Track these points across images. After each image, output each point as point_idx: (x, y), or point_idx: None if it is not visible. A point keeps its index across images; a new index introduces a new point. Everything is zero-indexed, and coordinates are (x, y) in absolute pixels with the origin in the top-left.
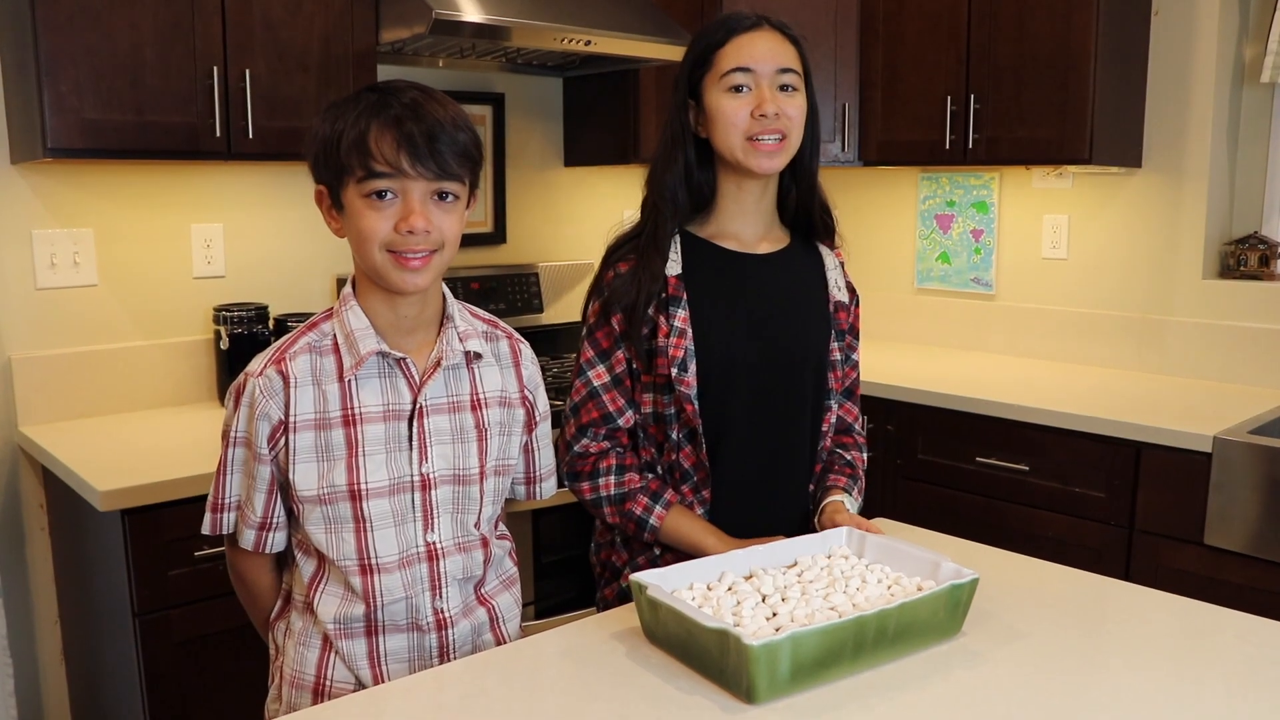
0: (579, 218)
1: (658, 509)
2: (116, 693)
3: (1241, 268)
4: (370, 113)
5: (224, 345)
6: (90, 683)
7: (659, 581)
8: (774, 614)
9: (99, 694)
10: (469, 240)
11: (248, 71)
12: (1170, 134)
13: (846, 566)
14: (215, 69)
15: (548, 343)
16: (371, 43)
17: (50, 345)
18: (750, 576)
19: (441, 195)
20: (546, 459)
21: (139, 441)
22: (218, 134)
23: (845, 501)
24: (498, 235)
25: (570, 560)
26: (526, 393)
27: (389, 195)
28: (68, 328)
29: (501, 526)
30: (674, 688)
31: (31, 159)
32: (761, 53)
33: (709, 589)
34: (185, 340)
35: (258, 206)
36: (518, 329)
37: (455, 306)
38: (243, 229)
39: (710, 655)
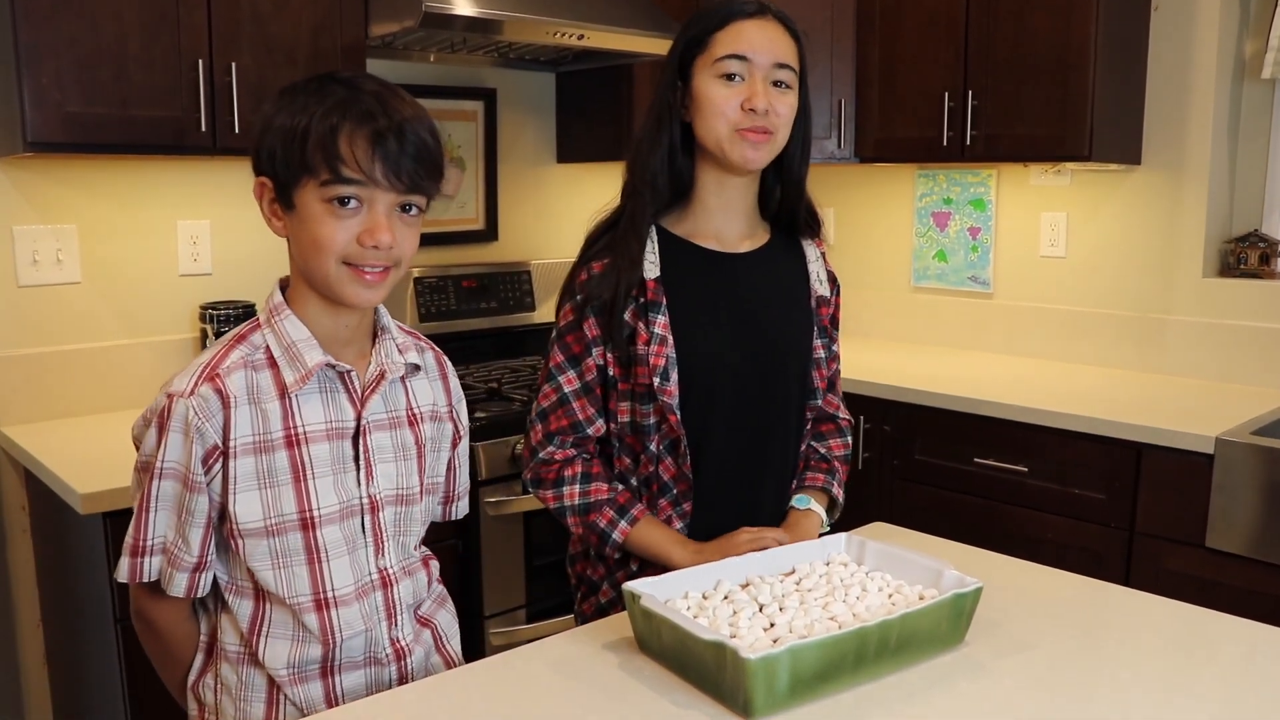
0: (572, 215)
1: (623, 524)
2: (99, 697)
3: (1242, 266)
4: (340, 109)
5: (210, 344)
6: (73, 686)
7: (652, 590)
8: (771, 624)
9: (82, 698)
10: (460, 237)
11: (234, 64)
12: (1170, 130)
13: (846, 574)
14: (201, 61)
15: (540, 342)
16: (361, 36)
17: (32, 344)
18: (747, 585)
19: (405, 208)
20: (464, 477)
21: (122, 442)
22: (203, 128)
23: (812, 504)
24: (489, 232)
25: (562, 563)
26: (455, 408)
27: (353, 203)
28: (50, 326)
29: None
30: (669, 701)
31: (12, 153)
32: (760, 42)
33: (704, 598)
34: (170, 339)
35: (245, 202)
36: (510, 328)
37: (388, 316)
38: (230, 225)
39: (707, 668)
